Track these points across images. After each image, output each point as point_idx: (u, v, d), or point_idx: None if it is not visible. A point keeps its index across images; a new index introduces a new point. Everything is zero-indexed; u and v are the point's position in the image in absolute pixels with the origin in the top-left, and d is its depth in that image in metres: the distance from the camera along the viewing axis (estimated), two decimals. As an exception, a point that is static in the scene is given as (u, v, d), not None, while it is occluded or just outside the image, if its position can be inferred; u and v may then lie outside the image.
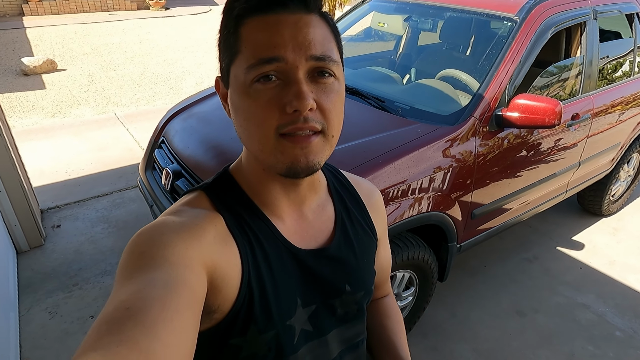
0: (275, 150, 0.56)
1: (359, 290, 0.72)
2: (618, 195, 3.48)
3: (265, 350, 0.62)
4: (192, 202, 0.63)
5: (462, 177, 1.97)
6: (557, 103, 1.89)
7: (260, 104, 0.55)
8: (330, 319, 0.70)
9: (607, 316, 2.53)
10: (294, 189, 0.66)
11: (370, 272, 0.76)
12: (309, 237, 0.68)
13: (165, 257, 0.52)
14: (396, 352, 0.82)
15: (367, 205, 0.77)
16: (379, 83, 2.45)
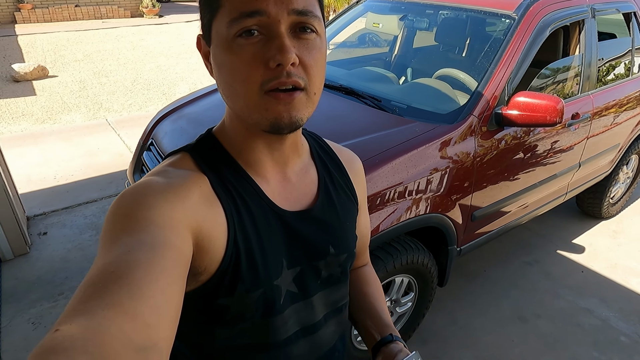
0: (259, 107, 0.56)
1: (343, 253, 0.73)
2: (617, 197, 3.43)
3: (253, 310, 0.63)
4: (176, 163, 0.62)
5: (461, 178, 1.90)
6: (559, 100, 1.84)
7: (244, 59, 0.55)
8: (315, 281, 0.70)
9: (611, 321, 2.46)
10: (277, 148, 0.66)
11: (353, 236, 0.77)
12: (292, 198, 0.68)
13: (150, 219, 0.52)
14: (379, 317, 0.82)
15: (349, 171, 0.78)
16: (375, 83, 2.39)
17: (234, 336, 0.65)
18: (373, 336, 0.80)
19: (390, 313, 2.02)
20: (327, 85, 2.34)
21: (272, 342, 0.67)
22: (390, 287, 1.92)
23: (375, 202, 1.66)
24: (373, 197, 1.65)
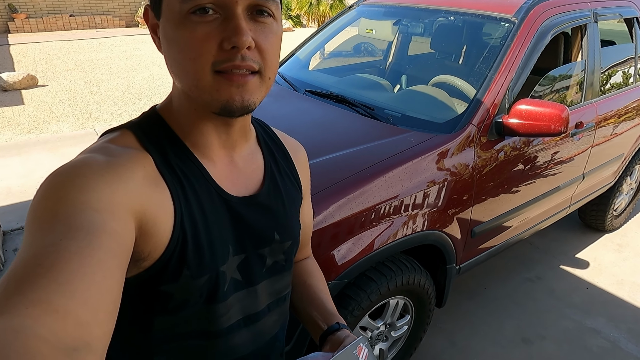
0: (210, 88, 0.54)
1: (287, 240, 0.72)
2: (621, 209, 3.30)
3: (197, 297, 0.61)
4: (117, 140, 0.58)
5: (460, 191, 1.77)
6: (564, 108, 1.72)
7: (197, 37, 0.52)
8: (260, 269, 0.69)
9: (621, 342, 2.31)
10: (226, 131, 0.63)
11: (297, 224, 0.76)
12: (239, 183, 0.67)
13: (86, 203, 0.47)
14: (324, 306, 0.81)
15: (294, 159, 0.78)
16: (368, 90, 2.27)
17: (175, 325, 0.62)
18: (319, 326, 0.79)
19: (384, 338, 1.87)
20: (317, 92, 2.22)
21: (214, 330, 0.65)
22: (384, 311, 1.77)
23: (369, 218, 1.52)
24: (366, 212, 1.52)
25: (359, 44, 3.33)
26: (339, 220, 1.47)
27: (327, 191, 1.48)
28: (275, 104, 2.17)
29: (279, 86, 2.41)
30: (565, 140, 2.19)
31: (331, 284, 1.47)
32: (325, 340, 0.76)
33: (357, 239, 1.50)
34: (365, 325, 1.72)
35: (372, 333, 1.77)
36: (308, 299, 0.83)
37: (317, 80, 2.42)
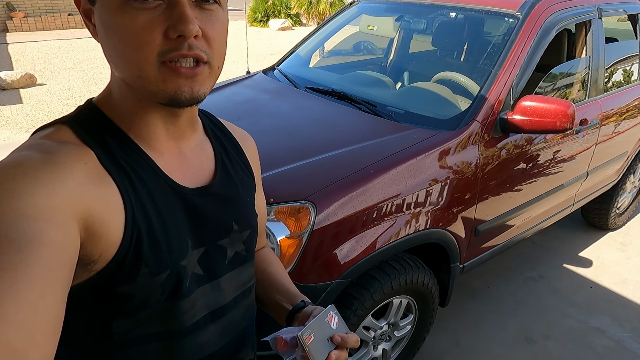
0: (156, 79, 0.51)
1: (246, 229, 0.70)
2: (624, 207, 3.28)
3: (158, 295, 0.57)
4: (52, 135, 0.53)
5: (464, 189, 1.74)
6: (569, 104, 1.69)
7: (140, 24, 0.49)
8: (222, 261, 0.67)
9: (625, 342, 2.28)
10: (173, 122, 0.60)
11: (254, 212, 0.75)
12: (190, 175, 0.64)
13: (19, 210, 0.43)
14: (287, 289, 0.80)
15: (244, 148, 0.76)
16: (370, 87, 2.24)
17: (135, 327, 0.58)
18: (284, 307, 0.78)
19: (388, 338, 1.84)
20: (318, 89, 2.19)
21: (178, 329, 0.61)
22: (387, 310, 1.74)
23: (372, 216, 1.50)
24: (369, 210, 1.49)
25: (358, 42, 3.30)
26: (342, 218, 1.44)
27: (330, 188, 1.45)
28: (276, 100, 2.14)
29: (280, 83, 2.38)
30: (570, 138, 2.16)
31: (334, 283, 1.44)
32: (292, 319, 0.75)
33: (360, 237, 1.48)
34: (369, 325, 1.69)
35: (375, 333, 1.74)
36: (270, 285, 0.82)
37: (318, 77, 2.40)
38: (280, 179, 1.52)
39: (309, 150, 1.65)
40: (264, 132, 1.83)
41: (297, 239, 1.41)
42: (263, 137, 1.80)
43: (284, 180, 1.51)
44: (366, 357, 1.79)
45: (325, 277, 1.44)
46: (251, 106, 2.11)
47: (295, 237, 1.41)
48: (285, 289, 0.81)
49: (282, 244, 1.40)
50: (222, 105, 2.18)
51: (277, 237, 1.40)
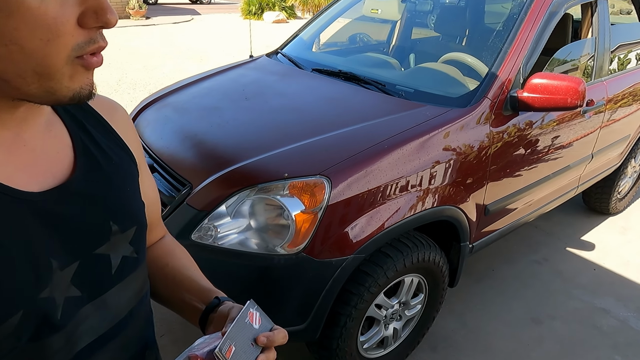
0: (62, 75, 0.43)
1: (130, 226, 0.57)
2: (625, 192, 3.30)
3: (13, 341, 0.44)
4: None
5: (476, 166, 1.74)
6: (580, 81, 1.69)
7: (50, 12, 0.40)
8: (106, 273, 0.54)
9: (630, 321, 2.30)
10: (9, 110, 0.46)
11: (139, 203, 0.61)
12: (40, 172, 0.49)
13: None
14: (197, 285, 0.70)
15: (112, 123, 0.60)
16: (377, 68, 2.22)
17: None
18: (196, 307, 0.67)
19: (399, 317, 1.84)
20: (324, 71, 2.17)
21: None
22: (399, 288, 1.74)
23: (386, 192, 1.49)
24: (383, 185, 1.48)
25: (354, 34, 3.27)
26: (357, 193, 1.43)
27: (345, 163, 1.44)
28: (283, 82, 2.12)
29: (285, 65, 2.36)
30: (576, 118, 2.16)
31: (349, 258, 1.43)
32: (206, 321, 0.66)
33: (375, 212, 1.47)
34: (381, 303, 1.68)
35: (386, 312, 1.74)
36: (175, 283, 0.71)
37: (323, 60, 2.37)
38: (294, 154, 1.50)
39: (321, 127, 1.63)
40: (273, 110, 1.81)
41: (312, 214, 1.39)
42: (273, 115, 1.79)
43: (297, 156, 1.50)
44: (377, 336, 1.79)
45: (340, 253, 1.43)
46: (258, 87, 2.08)
47: (310, 213, 1.39)
48: (194, 285, 0.70)
49: (297, 219, 1.38)
50: (227, 87, 2.15)
51: (292, 213, 1.38)
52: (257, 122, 1.74)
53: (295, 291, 1.43)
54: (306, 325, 1.49)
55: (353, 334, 1.62)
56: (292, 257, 1.39)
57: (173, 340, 2.05)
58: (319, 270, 1.42)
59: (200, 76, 2.36)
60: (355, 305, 1.54)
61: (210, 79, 2.29)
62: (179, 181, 1.60)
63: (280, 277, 1.41)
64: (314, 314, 1.47)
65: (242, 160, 1.51)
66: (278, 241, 1.40)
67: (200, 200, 1.47)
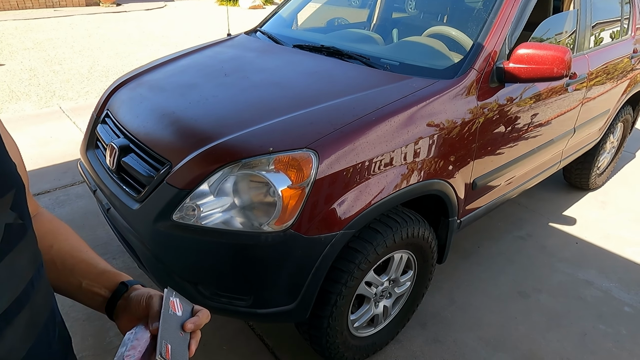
0: None
1: (7, 190, 0.50)
2: (603, 167, 3.36)
3: None
4: None
5: (464, 139, 1.71)
6: (566, 50, 1.67)
7: None
8: None
9: (613, 292, 2.35)
10: None
11: (10, 163, 0.53)
12: None
13: None
14: (95, 268, 0.66)
15: None
16: (360, 43, 2.16)
17: None
18: (98, 294, 0.64)
19: (388, 294, 1.81)
20: (305, 46, 2.10)
21: None
22: (388, 265, 1.71)
23: (375, 165, 1.44)
24: (371, 159, 1.43)
25: (332, 19, 3.19)
26: (345, 166, 1.38)
27: (332, 136, 1.38)
28: (263, 57, 2.04)
29: (265, 42, 2.27)
30: (560, 92, 2.16)
31: (339, 234, 1.39)
32: (115, 308, 0.62)
33: (364, 186, 1.42)
34: (371, 281, 1.65)
35: (376, 289, 1.71)
36: (64, 267, 0.65)
37: (304, 36, 2.30)
38: (279, 128, 1.44)
39: (306, 101, 1.57)
40: (254, 85, 1.74)
41: (299, 189, 1.34)
42: (255, 91, 1.72)
43: (282, 130, 1.43)
44: (368, 314, 1.76)
45: (329, 229, 1.38)
46: (238, 63, 2.00)
47: (297, 188, 1.34)
48: (92, 269, 0.65)
49: (283, 195, 1.33)
50: (206, 64, 2.06)
51: (279, 189, 1.33)
52: (239, 98, 1.66)
53: (284, 270, 1.38)
54: (296, 305, 1.45)
55: (344, 312, 1.59)
56: (279, 234, 1.34)
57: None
58: (307, 247, 1.37)
59: (175, 55, 2.25)
60: (346, 283, 1.50)
61: (187, 57, 2.20)
62: (157, 160, 1.52)
63: (268, 255, 1.36)
64: (304, 293, 1.43)
65: (224, 136, 1.43)
66: (264, 219, 1.34)
67: (180, 178, 1.40)
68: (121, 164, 1.63)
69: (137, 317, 0.64)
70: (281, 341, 1.94)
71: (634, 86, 2.97)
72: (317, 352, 1.70)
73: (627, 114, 3.18)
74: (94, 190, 1.77)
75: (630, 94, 2.97)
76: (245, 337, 1.96)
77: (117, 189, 1.62)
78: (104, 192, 1.68)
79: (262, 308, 1.45)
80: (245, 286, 1.42)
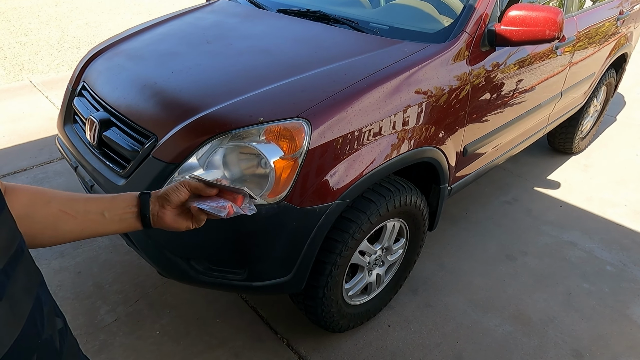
0: None
1: None
2: (586, 131, 3.40)
3: None
4: None
5: (455, 104, 1.68)
6: (559, 11, 1.63)
7: None
8: None
9: (595, 252, 2.42)
10: None
11: None
12: None
13: None
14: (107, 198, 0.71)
15: None
16: (347, 7, 2.08)
17: None
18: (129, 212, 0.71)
19: (381, 262, 1.82)
20: (290, 11, 2.01)
21: None
22: (381, 234, 1.71)
23: (368, 133, 1.41)
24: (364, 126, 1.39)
25: None
26: (338, 135, 1.34)
27: (324, 103, 1.34)
28: (247, 23, 1.95)
29: (247, 7, 2.17)
30: (549, 55, 2.14)
31: (334, 204, 1.37)
32: (149, 216, 0.71)
33: (358, 155, 1.39)
34: (364, 250, 1.65)
35: (370, 258, 1.71)
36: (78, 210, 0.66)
37: (288, 0, 2.20)
38: (268, 97, 1.38)
39: (295, 68, 1.51)
40: (240, 53, 1.66)
41: (292, 160, 1.30)
42: (240, 58, 1.64)
43: (272, 99, 1.38)
44: (361, 283, 1.77)
45: (323, 199, 1.36)
46: (220, 30, 1.90)
47: (290, 159, 1.30)
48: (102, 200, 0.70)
49: (276, 166, 1.29)
50: (186, 31, 1.96)
51: (271, 160, 1.29)
52: (224, 66, 1.59)
53: (279, 242, 1.36)
54: (291, 276, 1.44)
55: (338, 282, 1.59)
56: (273, 206, 1.31)
57: (149, 304, 1.97)
58: (302, 218, 1.35)
59: (153, 22, 2.14)
60: (340, 252, 1.49)
61: (165, 25, 2.08)
62: (141, 134, 1.46)
63: (262, 228, 1.33)
64: (299, 264, 1.42)
65: (212, 107, 1.37)
66: (257, 191, 1.31)
67: (167, 152, 1.34)
68: (102, 139, 1.56)
69: (180, 204, 0.74)
70: (275, 312, 1.95)
71: (618, 49, 2.97)
72: (313, 321, 1.72)
73: (611, 77, 3.19)
74: (75, 167, 1.70)
75: (614, 56, 2.97)
76: (238, 309, 1.96)
77: (100, 164, 1.56)
78: (86, 169, 1.61)
79: (257, 281, 1.44)
80: (240, 260, 1.40)
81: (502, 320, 1.97)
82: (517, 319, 1.98)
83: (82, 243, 2.30)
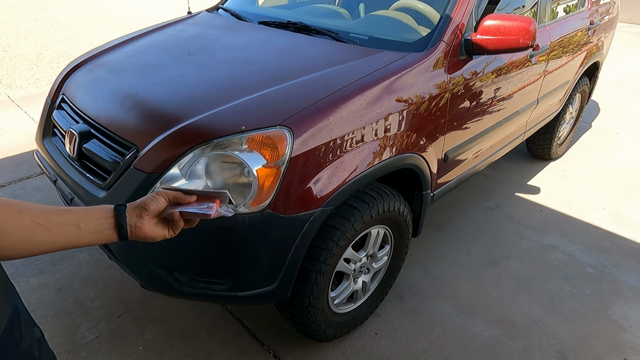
0: None
1: None
2: (563, 137, 3.49)
3: None
4: None
5: (435, 112, 1.71)
6: (531, 21, 1.69)
7: None
8: None
9: (576, 254, 2.47)
10: None
11: None
12: None
13: None
14: (80, 210, 0.69)
15: None
16: (327, 18, 2.12)
17: None
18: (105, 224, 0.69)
19: (366, 270, 1.83)
20: (271, 23, 2.03)
21: None
22: (366, 241, 1.72)
23: (350, 141, 1.42)
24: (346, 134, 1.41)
25: None
26: (320, 143, 1.35)
27: (306, 112, 1.35)
28: (228, 35, 1.97)
29: (228, 19, 2.19)
30: (524, 63, 2.20)
31: (317, 212, 1.37)
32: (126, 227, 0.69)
33: (340, 162, 1.40)
34: (349, 257, 1.66)
35: (355, 265, 1.72)
36: (52, 221, 0.65)
37: (269, 12, 2.23)
38: (250, 106, 1.39)
39: (276, 78, 1.52)
40: (221, 63, 1.67)
41: (274, 168, 1.31)
42: (222, 68, 1.65)
43: (254, 107, 1.39)
44: (347, 291, 1.77)
45: (307, 207, 1.36)
46: (202, 41, 1.91)
47: (272, 167, 1.30)
48: (75, 211, 0.68)
49: (259, 175, 1.29)
50: (168, 43, 1.96)
51: (253, 168, 1.29)
52: (206, 76, 1.60)
53: (263, 251, 1.36)
54: (276, 285, 1.43)
55: (324, 290, 1.59)
56: (256, 215, 1.31)
57: (132, 319, 1.93)
58: (286, 226, 1.35)
59: (134, 34, 2.14)
60: (325, 260, 1.49)
61: (146, 37, 2.08)
62: (122, 145, 1.45)
63: (246, 237, 1.33)
64: (284, 272, 1.41)
65: (193, 116, 1.37)
66: (240, 200, 1.31)
67: (149, 162, 1.33)
68: (82, 151, 1.54)
69: (157, 213, 0.75)
70: (261, 322, 1.93)
71: (590, 57, 3.08)
72: (299, 331, 1.70)
73: (584, 84, 3.30)
74: (54, 180, 1.67)
75: (587, 65, 3.07)
76: (224, 321, 1.94)
77: (80, 177, 1.54)
78: (65, 182, 1.59)
79: (242, 291, 1.42)
80: (224, 270, 1.39)
81: (488, 324, 1.99)
82: (502, 323, 2.00)
83: (62, 259, 2.25)
